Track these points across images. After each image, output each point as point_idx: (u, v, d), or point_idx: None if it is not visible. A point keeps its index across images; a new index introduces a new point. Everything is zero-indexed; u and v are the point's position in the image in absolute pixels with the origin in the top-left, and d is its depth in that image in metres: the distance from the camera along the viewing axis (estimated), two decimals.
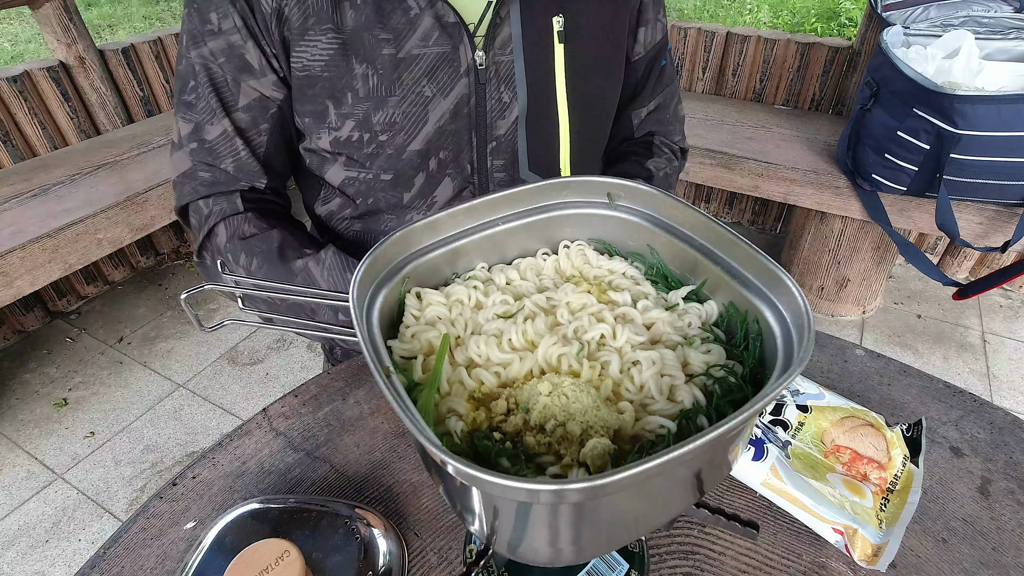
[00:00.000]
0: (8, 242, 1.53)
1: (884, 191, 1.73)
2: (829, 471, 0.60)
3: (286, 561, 0.44)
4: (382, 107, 0.68)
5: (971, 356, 2.08)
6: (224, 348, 2.14)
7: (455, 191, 0.76)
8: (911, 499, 0.57)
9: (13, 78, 1.95)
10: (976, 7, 1.74)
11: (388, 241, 0.45)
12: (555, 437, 0.39)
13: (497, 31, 0.68)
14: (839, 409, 0.65)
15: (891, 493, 0.58)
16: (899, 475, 0.60)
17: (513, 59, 0.70)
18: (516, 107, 0.72)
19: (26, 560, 1.51)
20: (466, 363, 0.45)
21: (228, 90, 0.69)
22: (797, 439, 0.63)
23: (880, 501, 0.57)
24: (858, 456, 0.61)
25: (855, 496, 0.57)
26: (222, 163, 0.72)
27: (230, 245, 0.72)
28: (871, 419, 0.64)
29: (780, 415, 0.65)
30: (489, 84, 0.70)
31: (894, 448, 0.61)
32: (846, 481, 0.59)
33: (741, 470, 0.60)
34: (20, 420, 1.88)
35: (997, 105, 1.39)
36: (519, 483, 0.28)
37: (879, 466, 0.60)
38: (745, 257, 0.45)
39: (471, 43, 0.67)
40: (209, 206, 0.73)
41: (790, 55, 2.23)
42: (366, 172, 0.73)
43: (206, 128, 0.70)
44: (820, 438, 0.63)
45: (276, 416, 0.70)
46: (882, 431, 0.62)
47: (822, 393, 0.67)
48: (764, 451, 0.60)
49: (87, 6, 5.75)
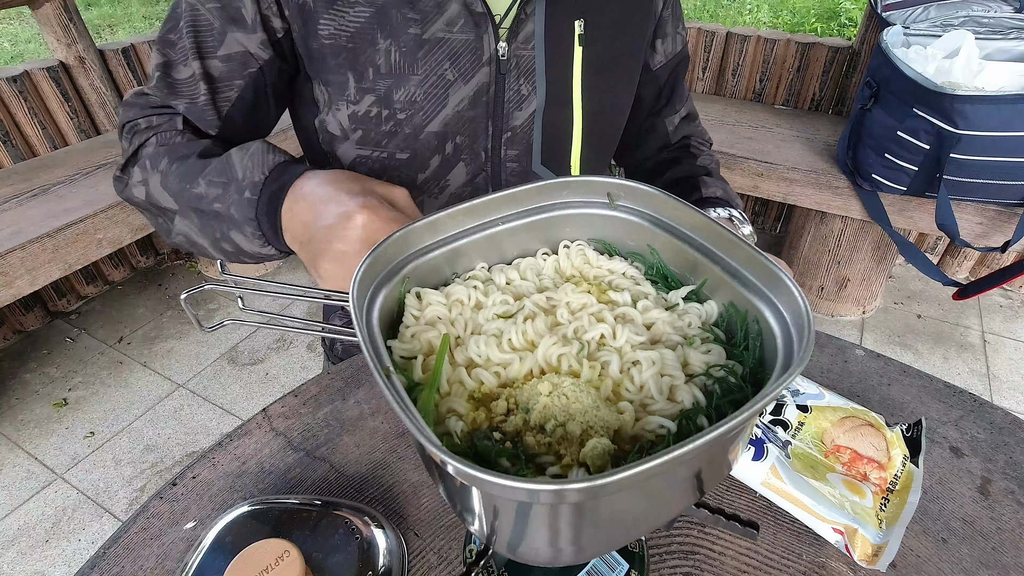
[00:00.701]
0: (8, 242, 1.53)
1: (884, 191, 1.74)
2: (829, 471, 0.60)
3: (286, 561, 0.44)
4: (404, 84, 0.69)
5: (971, 356, 2.08)
6: (224, 348, 2.14)
7: (468, 177, 0.77)
8: (911, 499, 0.57)
9: (13, 78, 1.95)
10: (976, 7, 1.74)
11: (388, 241, 0.45)
12: (555, 437, 0.39)
13: (521, 26, 0.70)
14: (839, 409, 0.65)
15: (891, 493, 0.58)
16: (899, 475, 0.60)
17: (534, 54, 0.72)
18: (535, 100, 0.74)
19: (26, 560, 1.51)
20: (466, 363, 0.45)
21: (211, 36, 0.68)
22: (797, 439, 0.63)
23: (880, 501, 0.57)
24: (858, 456, 0.61)
25: (855, 496, 0.57)
26: (177, 100, 0.70)
27: (154, 152, 0.68)
28: (871, 419, 0.64)
29: (780, 415, 0.65)
30: (509, 75, 0.72)
31: (894, 448, 0.61)
32: (846, 481, 0.59)
33: (741, 470, 0.60)
34: (20, 420, 1.88)
35: (997, 105, 1.39)
36: (519, 483, 0.28)
37: (879, 466, 0.60)
38: (745, 257, 0.45)
39: (495, 34, 0.69)
40: (151, 122, 0.71)
41: (790, 55, 2.22)
42: (380, 151, 0.74)
43: (177, 67, 0.69)
44: (820, 438, 0.63)
45: (276, 416, 0.70)
46: (882, 431, 0.63)
47: (822, 393, 0.67)
48: (764, 451, 0.60)
49: (87, 6, 5.75)
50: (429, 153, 0.74)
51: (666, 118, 0.93)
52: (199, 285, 0.45)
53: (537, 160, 0.78)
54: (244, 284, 0.46)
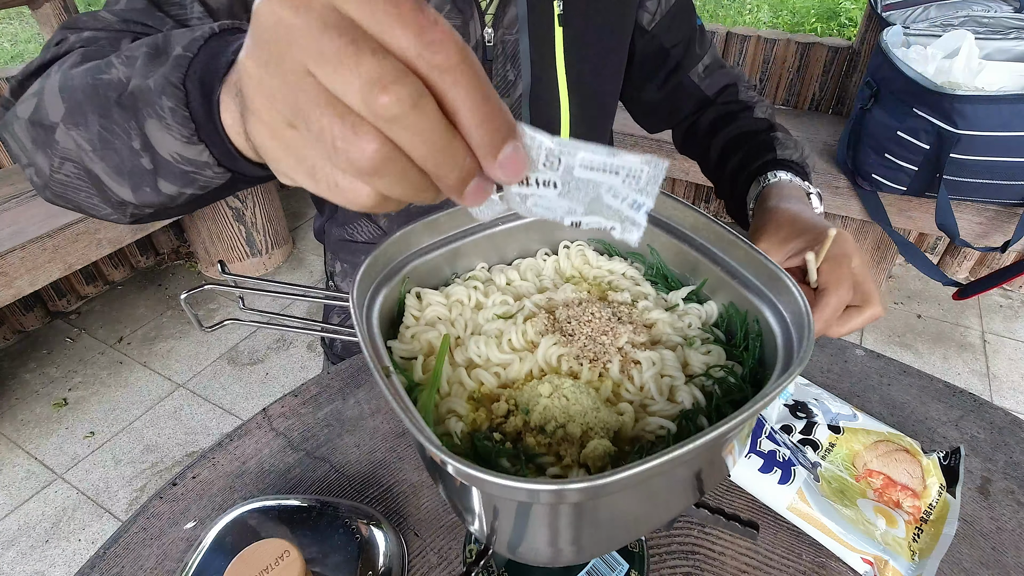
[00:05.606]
0: (8, 242, 1.53)
1: (884, 191, 1.73)
2: (860, 496, 0.57)
3: (286, 561, 0.44)
4: None
5: (971, 356, 2.08)
6: (224, 348, 2.13)
7: None
8: (946, 530, 0.54)
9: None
10: (976, 7, 1.74)
11: (388, 241, 0.45)
12: (555, 438, 0.39)
13: (505, 10, 0.70)
14: (873, 432, 0.63)
15: (925, 523, 0.56)
16: (934, 504, 0.57)
17: (518, 38, 0.71)
18: (520, 85, 0.74)
19: (26, 560, 1.51)
20: (466, 363, 0.45)
21: None
22: (827, 460, 0.60)
23: (913, 531, 0.54)
24: (891, 482, 0.58)
25: (887, 525, 0.54)
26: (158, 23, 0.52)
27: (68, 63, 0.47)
28: (906, 444, 0.61)
29: (811, 434, 0.62)
30: (496, 62, 0.72)
31: (930, 476, 0.58)
32: (878, 508, 0.56)
33: (766, 493, 0.58)
34: (20, 420, 1.88)
35: (997, 105, 1.39)
36: (519, 483, 0.28)
37: (913, 494, 0.57)
38: (745, 257, 0.45)
39: (481, 20, 0.69)
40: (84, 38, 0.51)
41: (790, 55, 2.22)
42: None
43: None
44: (852, 461, 0.60)
45: (276, 416, 0.70)
46: (918, 458, 0.60)
47: (855, 414, 0.65)
48: (791, 474, 0.57)
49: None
50: None
51: (688, 72, 0.87)
52: (199, 285, 0.45)
53: None
54: (244, 284, 0.46)
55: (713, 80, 0.89)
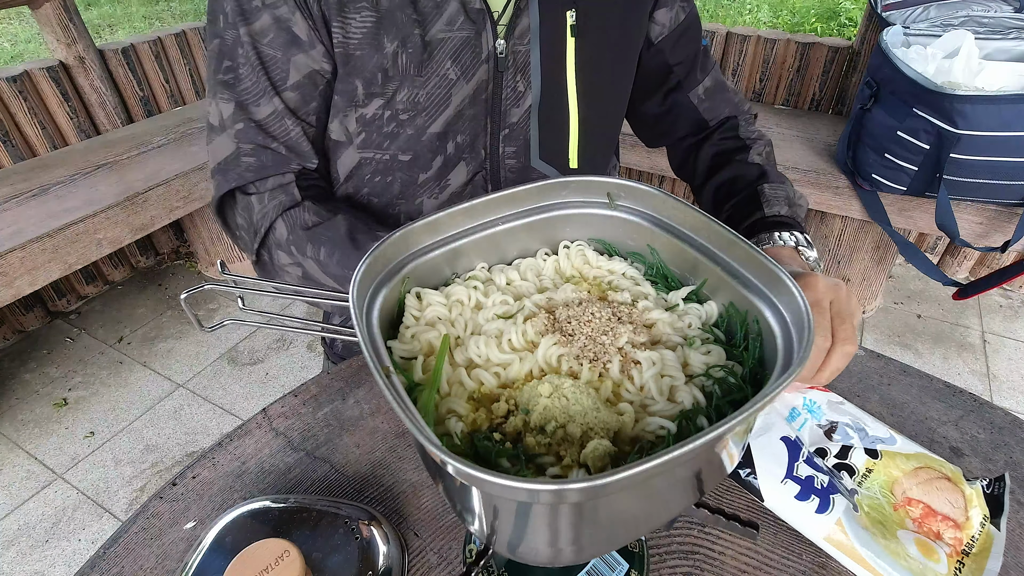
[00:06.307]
0: (8, 242, 1.53)
1: (884, 191, 1.73)
2: (900, 527, 0.54)
3: (286, 561, 0.44)
4: (408, 86, 0.69)
5: (971, 356, 2.08)
6: (224, 348, 2.14)
7: (468, 176, 0.77)
8: (990, 565, 0.51)
9: (13, 78, 1.95)
10: (976, 7, 1.74)
11: (388, 241, 0.45)
12: (555, 439, 0.39)
13: (517, 21, 0.70)
14: (912, 457, 0.59)
15: (966, 556, 0.52)
16: (976, 537, 0.53)
17: (529, 49, 0.71)
18: (530, 96, 0.74)
19: (26, 560, 1.51)
20: (466, 364, 0.45)
21: (277, 67, 0.67)
22: (864, 487, 0.57)
23: (955, 565, 0.51)
24: (931, 512, 0.55)
25: (928, 559, 0.52)
26: (273, 144, 0.69)
27: (293, 237, 0.69)
28: (948, 471, 0.58)
29: (846, 458, 0.59)
30: (507, 72, 0.72)
31: (972, 507, 0.55)
32: (918, 540, 0.53)
33: (803, 522, 0.55)
34: (20, 420, 1.88)
35: (997, 105, 1.39)
36: (519, 483, 0.28)
37: (955, 525, 0.54)
38: (745, 257, 0.45)
39: (494, 31, 0.69)
40: (263, 202, 0.69)
41: (790, 55, 2.22)
42: (382, 153, 0.74)
43: (252, 109, 0.68)
44: (890, 488, 0.57)
45: (276, 416, 0.70)
46: (960, 486, 0.56)
47: (893, 437, 0.61)
48: (830, 502, 0.54)
49: (87, 6, 5.75)
50: (431, 154, 0.74)
51: (688, 93, 0.87)
52: (199, 285, 0.45)
53: (535, 155, 0.78)
54: (244, 284, 0.46)
55: (713, 104, 0.88)
